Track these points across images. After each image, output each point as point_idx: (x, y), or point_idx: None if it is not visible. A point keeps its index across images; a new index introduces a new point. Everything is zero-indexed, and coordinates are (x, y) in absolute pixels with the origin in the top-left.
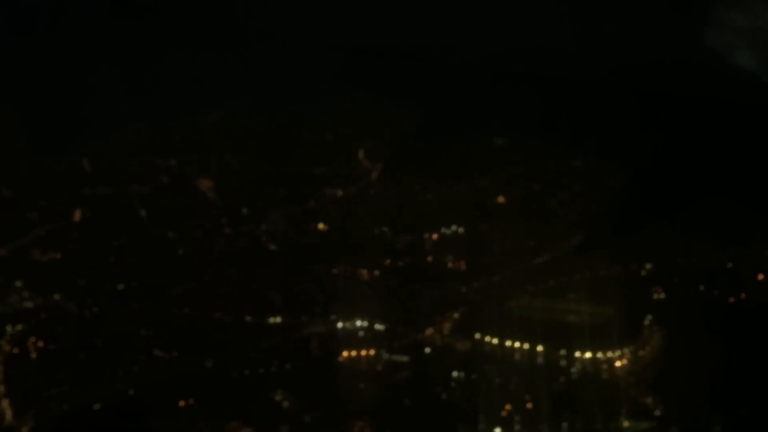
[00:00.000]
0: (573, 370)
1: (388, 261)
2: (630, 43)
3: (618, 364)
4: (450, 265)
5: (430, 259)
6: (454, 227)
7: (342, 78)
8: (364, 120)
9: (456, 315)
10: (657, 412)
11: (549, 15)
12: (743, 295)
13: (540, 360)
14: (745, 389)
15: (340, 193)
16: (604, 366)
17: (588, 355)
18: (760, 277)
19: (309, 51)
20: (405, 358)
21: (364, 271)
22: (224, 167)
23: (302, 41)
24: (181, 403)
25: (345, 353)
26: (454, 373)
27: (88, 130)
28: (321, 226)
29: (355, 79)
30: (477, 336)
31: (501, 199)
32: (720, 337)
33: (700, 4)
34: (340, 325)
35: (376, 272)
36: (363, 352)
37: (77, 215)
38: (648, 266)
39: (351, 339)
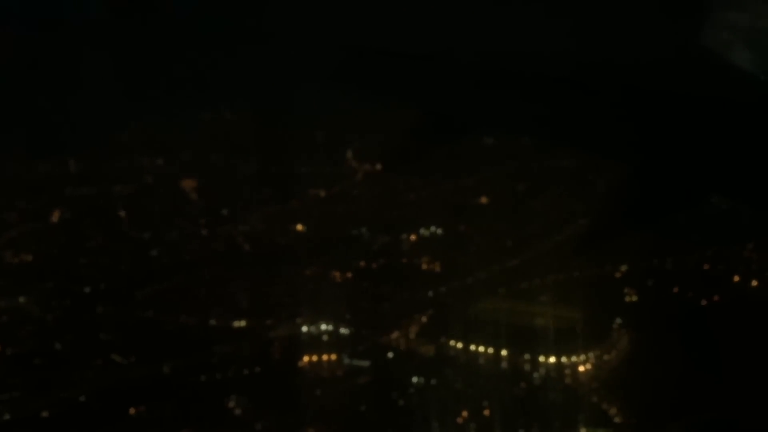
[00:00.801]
0: (535, 375)
1: (362, 262)
2: (627, 42)
3: (581, 369)
4: (424, 266)
5: (405, 260)
6: (432, 228)
7: (338, 77)
8: (356, 120)
9: (424, 318)
10: (616, 419)
11: (544, 14)
12: (716, 298)
13: (504, 365)
14: (710, 394)
15: (323, 193)
16: (567, 371)
17: (552, 359)
18: (736, 278)
19: (304, 50)
20: (366, 363)
21: (337, 273)
22: (210, 167)
23: (297, 41)
24: (131, 411)
25: (306, 358)
26: (414, 379)
27: (79, 129)
28: (299, 227)
29: (351, 79)
30: (442, 340)
31: (484, 200)
32: (689, 340)
33: (696, 2)
34: (304, 328)
35: (349, 274)
36: (324, 357)
37: (55, 216)
38: (623, 268)
39: (314, 343)
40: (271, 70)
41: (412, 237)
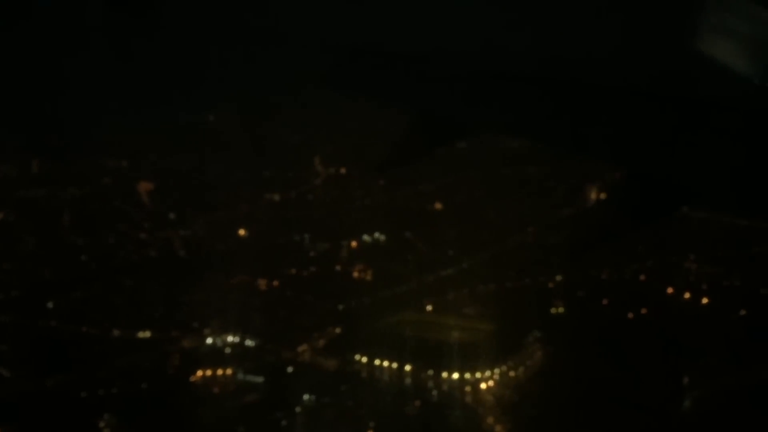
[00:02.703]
0: (434, 392)
1: (293, 270)
2: (624, 46)
3: (483, 386)
4: (356, 275)
5: (338, 268)
6: (376, 234)
7: (330, 78)
8: (338, 123)
9: (337, 330)
10: None
11: (545, 17)
12: (644, 311)
13: (406, 381)
14: (608, 416)
15: (277, 197)
16: (468, 387)
17: (455, 375)
18: (670, 290)
19: (296, 51)
20: (259, 379)
21: (264, 281)
22: (173, 171)
23: (291, 41)
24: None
25: (200, 372)
26: (305, 396)
27: (51, 130)
28: (242, 232)
29: (343, 80)
30: (348, 354)
31: (438, 206)
32: (604, 355)
33: (692, 7)
34: (209, 340)
35: (276, 282)
36: (219, 372)
37: None
38: (558, 278)
39: (213, 356)
40: (262, 72)
41: (353, 244)
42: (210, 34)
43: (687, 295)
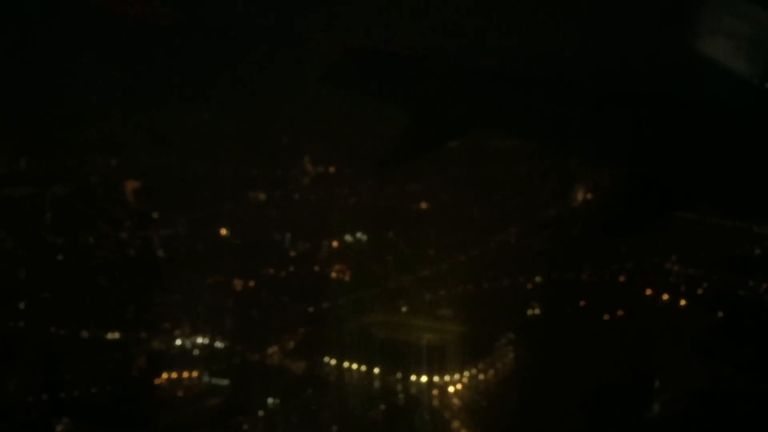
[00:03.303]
0: (401, 395)
1: (271, 270)
2: (623, 47)
3: (451, 389)
4: (334, 275)
5: (316, 268)
6: (359, 234)
7: (330, 77)
8: (330, 123)
9: (308, 332)
10: None
11: (543, 18)
12: (621, 312)
13: (375, 384)
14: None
15: (263, 196)
16: (435, 391)
17: (423, 378)
18: (648, 291)
19: (297, 50)
20: (225, 382)
21: (240, 282)
22: (162, 168)
23: (291, 41)
24: None
25: (165, 375)
26: (270, 400)
27: (42, 128)
28: (223, 231)
29: (342, 78)
30: (318, 356)
31: (424, 205)
32: (576, 358)
33: (693, 9)
34: (179, 342)
35: (252, 283)
36: (185, 374)
37: None
38: (537, 279)
39: (181, 358)
40: (260, 70)
41: (334, 244)
42: (208, 34)
43: (665, 297)
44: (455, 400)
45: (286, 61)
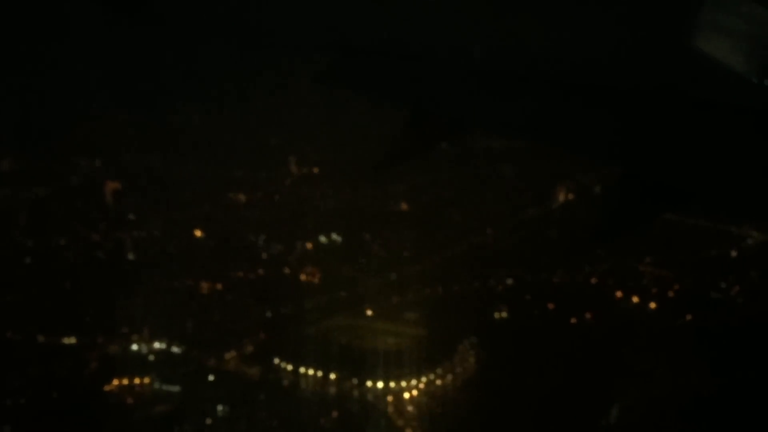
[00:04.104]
0: (355, 401)
1: (240, 273)
2: (619, 45)
3: (406, 395)
4: (304, 278)
5: (287, 271)
6: (333, 236)
7: (325, 78)
8: (319, 123)
9: (268, 336)
10: None
11: (540, 16)
12: (588, 315)
13: (330, 389)
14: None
15: (242, 198)
16: (390, 397)
17: (380, 384)
18: (619, 294)
19: (292, 51)
20: (176, 388)
21: (207, 284)
22: (145, 169)
23: (286, 41)
24: None
25: (116, 381)
26: (219, 407)
27: (29, 128)
28: (198, 233)
29: (338, 79)
30: (274, 361)
31: (404, 206)
32: (539, 362)
33: (689, 5)
34: (135, 347)
35: (219, 285)
36: (136, 380)
37: None
38: (509, 281)
39: (135, 364)
40: (252, 71)
41: (308, 245)
42: (200, 33)
43: (635, 299)
44: (410, 407)
45: (278, 62)
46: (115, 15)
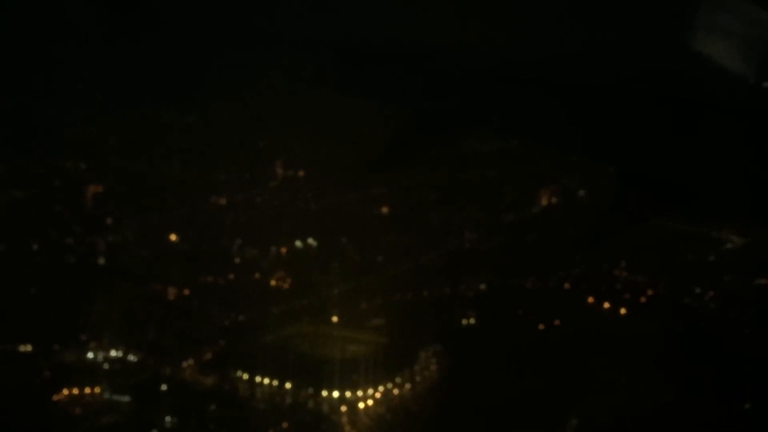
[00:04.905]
0: (307, 411)
1: (210, 278)
2: (616, 45)
3: (361, 405)
4: (273, 283)
5: (257, 276)
6: (309, 240)
7: (322, 79)
8: (313, 125)
9: (228, 344)
10: None
11: (537, 15)
12: (557, 322)
13: (285, 399)
14: None
15: (223, 201)
16: (344, 407)
17: (335, 393)
18: (590, 299)
19: (281, 51)
20: (126, 399)
21: (174, 290)
22: (131, 172)
23: (276, 41)
24: None
25: (65, 391)
26: (167, 418)
27: (15, 130)
28: (173, 237)
29: (335, 80)
30: (231, 370)
31: (385, 210)
32: (501, 370)
33: (686, 6)
34: (90, 355)
35: (187, 291)
36: (87, 390)
37: None
38: (481, 287)
39: (89, 373)
40: (248, 72)
41: (283, 250)
42: (196, 33)
43: (606, 305)
44: (364, 417)
45: (272, 63)
46: (110, 15)
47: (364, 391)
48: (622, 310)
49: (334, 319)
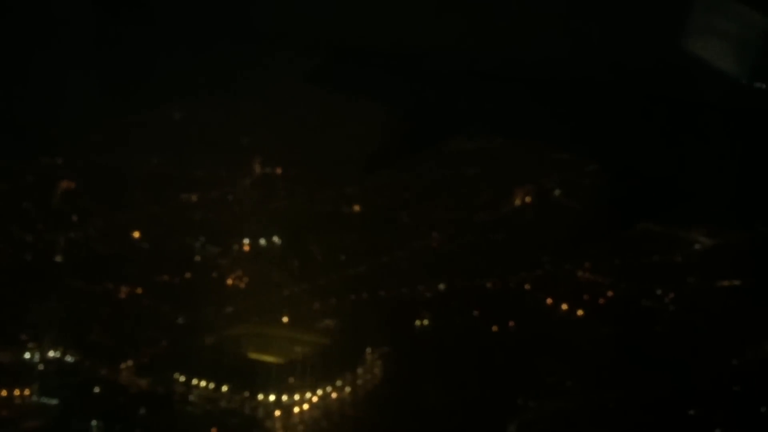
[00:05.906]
0: (239, 416)
1: (165, 277)
2: (612, 45)
3: (296, 409)
4: (230, 282)
5: (214, 275)
6: (274, 238)
7: (315, 78)
8: (300, 123)
9: (169, 344)
10: None
11: (534, 16)
12: (511, 323)
13: (220, 403)
14: None
15: (195, 198)
16: (278, 412)
17: (271, 397)
18: (549, 301)
19: (283, 50)
20: (54, 401)
21: (127, 289)
22: (106, 168)
23: (268, 39)
24: None
25: None
26: (93, 422)
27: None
28: (136, 234)
29: (329, 79)
30: (168, 372)
31: (357, 208)
32: (447, 374)
33: (680, 7)
34: (27, 355)
35: (140, 290)
36: (16, 392)
37: None
38: (440, 287)
39: (22, 374)
40: (243, 70)
41: (245, 248)
42: (192, 32)
43: (564, 307)
44: (298, 423)
45: (262, 60)
46: (105, 14)
47: (302, 395)
48: (579, 312)
49: (284, 319)
